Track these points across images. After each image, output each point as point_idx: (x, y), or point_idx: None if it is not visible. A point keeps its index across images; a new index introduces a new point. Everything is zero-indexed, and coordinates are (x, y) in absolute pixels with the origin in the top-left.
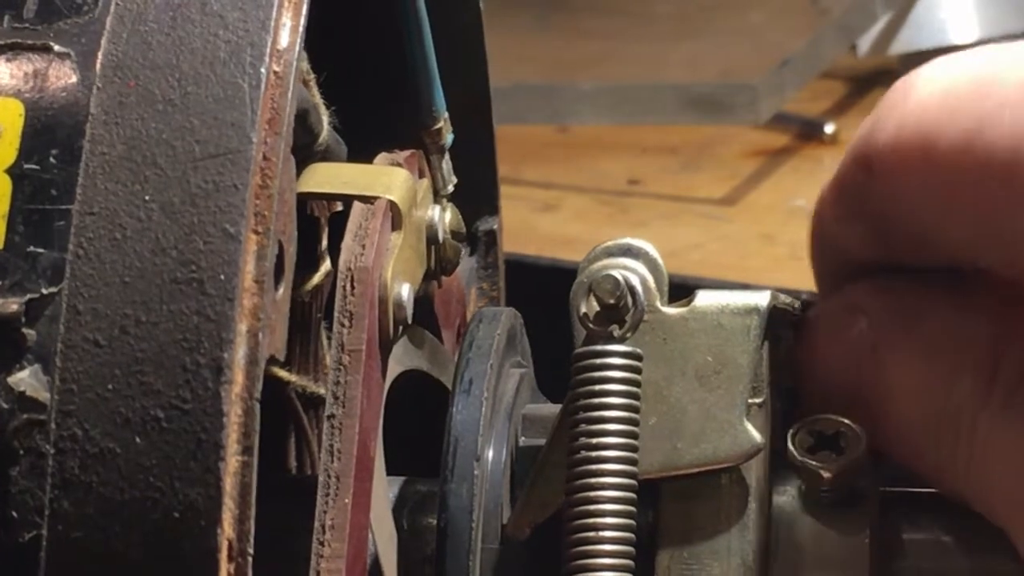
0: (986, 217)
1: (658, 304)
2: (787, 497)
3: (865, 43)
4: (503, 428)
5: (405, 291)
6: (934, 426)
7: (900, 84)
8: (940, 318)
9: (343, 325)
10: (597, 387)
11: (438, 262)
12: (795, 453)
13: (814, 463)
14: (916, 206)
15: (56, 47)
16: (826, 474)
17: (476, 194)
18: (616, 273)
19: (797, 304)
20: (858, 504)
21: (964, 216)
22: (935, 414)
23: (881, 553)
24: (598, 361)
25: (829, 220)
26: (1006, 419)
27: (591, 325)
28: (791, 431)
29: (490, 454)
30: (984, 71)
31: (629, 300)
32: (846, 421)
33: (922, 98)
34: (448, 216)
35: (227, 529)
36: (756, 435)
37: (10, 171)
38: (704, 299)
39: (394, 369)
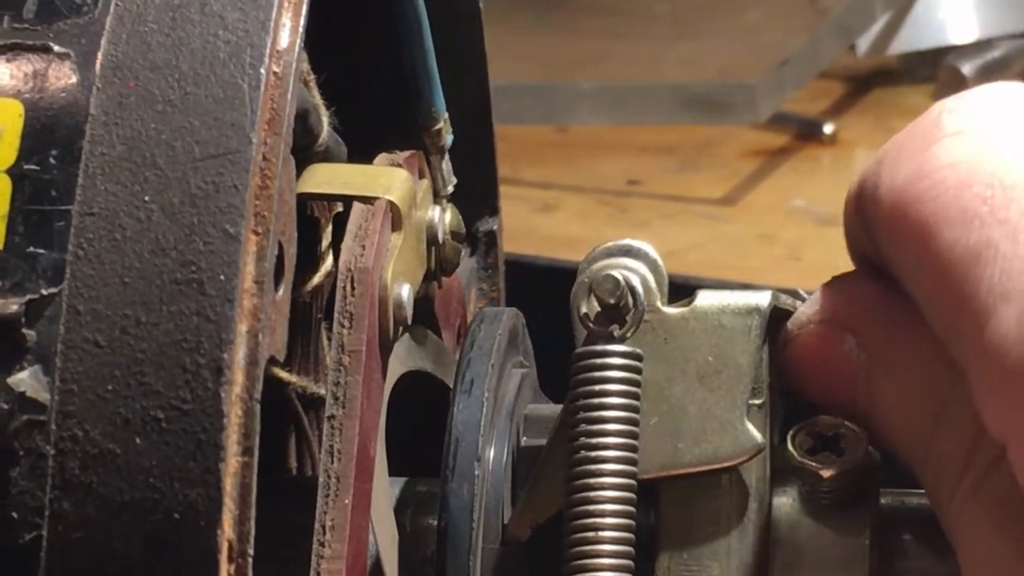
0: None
1: (659, 304)
2: (787, 498)
3: (864, 43)
4: (504, 428)
5: (405, 292)
6: (920, 461)
7: (929, 128)
8: (925, 365)
9: (343, 326)
10: (597, 387)
11: (438, 263)
12: (795, 454)
13: (814, 464)
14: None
15: (56, 47)
16: (826, 475)
17: (476, 195)
18: (616, 273)
19: (798, 304)
20: (858, 505)
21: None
22: (921, 453)
23: (881, 554)
24: (598, 361)
25: (848, 212)
26: (973, 508)
27: (591, 325)
28: (791, 432)
29: (491, 454)
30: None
31: (630, 300)
32: (846, 422)
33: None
34: (448, 217)
35: (227, 530)
36: (757, 435)
37: (10, 172)
38: (705, 299)
39: (397, 369)
